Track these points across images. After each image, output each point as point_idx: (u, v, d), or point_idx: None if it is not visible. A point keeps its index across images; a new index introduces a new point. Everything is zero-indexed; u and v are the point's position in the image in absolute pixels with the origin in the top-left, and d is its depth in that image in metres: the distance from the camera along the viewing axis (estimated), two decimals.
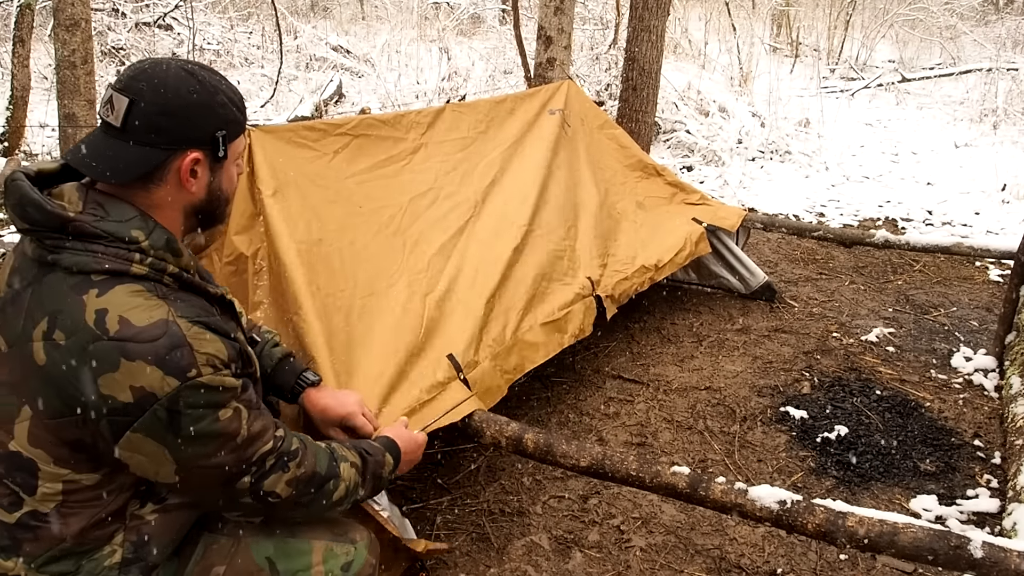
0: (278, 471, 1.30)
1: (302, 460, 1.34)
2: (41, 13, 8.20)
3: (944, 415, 2.85)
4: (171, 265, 1.23)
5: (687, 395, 2.95)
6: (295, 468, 1.32)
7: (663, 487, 1.86)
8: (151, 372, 1.12)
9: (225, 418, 1.20)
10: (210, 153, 1.26)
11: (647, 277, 3.01)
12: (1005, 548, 1.54)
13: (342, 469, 1.41)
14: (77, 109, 4.87)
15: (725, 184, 6.15)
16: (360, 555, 1.45)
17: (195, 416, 1.17)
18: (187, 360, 1.14)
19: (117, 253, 1.17)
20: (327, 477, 1.38)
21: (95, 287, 1.14)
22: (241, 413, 1.23)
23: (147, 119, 1.19)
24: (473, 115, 3.02)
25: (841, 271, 4.30)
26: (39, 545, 1.20)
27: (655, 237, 3.20)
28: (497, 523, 2.24)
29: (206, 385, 1.17)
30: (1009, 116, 8.34)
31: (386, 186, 2.57)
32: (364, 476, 1.46)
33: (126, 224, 1.19)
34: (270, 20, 9.89)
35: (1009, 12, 14.11)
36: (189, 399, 1.15)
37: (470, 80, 8.93)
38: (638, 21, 5.23)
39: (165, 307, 1.17)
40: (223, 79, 1.30)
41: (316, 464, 1.37)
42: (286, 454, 1.32)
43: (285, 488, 1.30)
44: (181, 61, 1.26)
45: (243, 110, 1.32)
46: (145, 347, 1.12)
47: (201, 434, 1.18)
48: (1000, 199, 5.75)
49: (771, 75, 8.23)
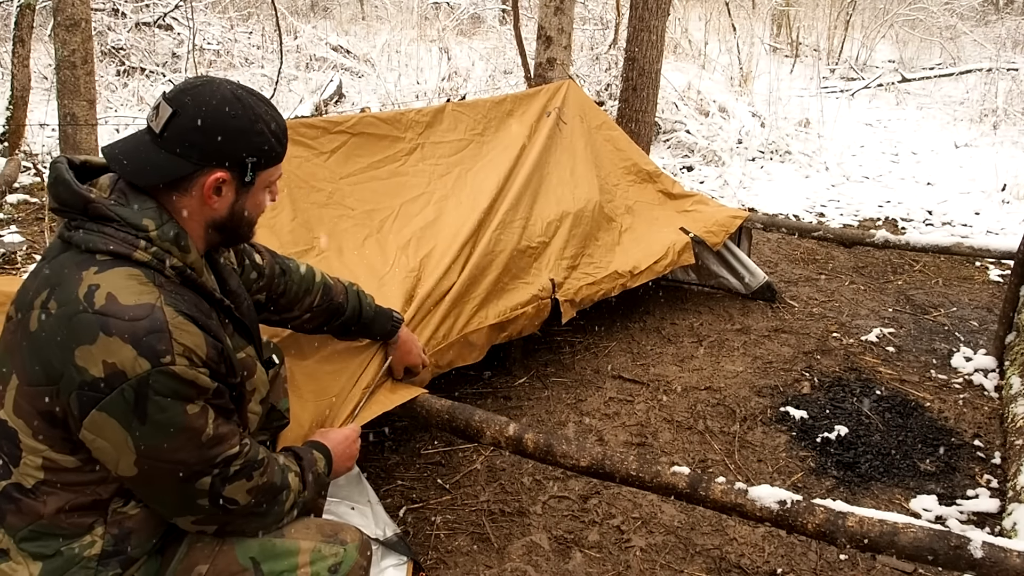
0: (242, 478, 1.29)
1: (266, 470, 1.34)
2: (41, 13, 8.19)
3: (944, 415, 2.85)
4: (175, 259, 1.25)
5: (687, 395, 2.95)
6: (259, 477, 1.32)
7: (663, 487, 1.86)
8: (125, 350, 1.14)
9: (192, 413, 1.20)
10: (237, 176, 1.30)
11: (619, 283, 2.99)
12: (1005, 548, 1.54)
13: (290, 479, 1.42)
14: (77, 109, 4.87)
15: (725, 184, 6.15)
16: (350, 556, 1.42)
17: (161, 404, 1.17)
18: (163, 345, 1.16)
19: (125, 237, 1.21)
20: (281, 487, 1.38)
21: (96, 265, 1.19)
22: (208, 412, 1.23)
23: (183, 132, 1.24)
24: (472, 116, 3.02)
25: (841, 271, 4.30)
26: (20, 518, 1.23)
27: (638, 243, 3.19)
28: (497, 523, 2.24)
29: (178, 375, 1.17)
30: (1009, 116, 8.35)
31: (379, 188, 2.59)
32: (304, 479, 1.46)
33: (140, 212, 1.23)
34: (270, 20, 9.89)
35: (1009, 12, 14.11)
36: (158, 385, 1.16)
37: (470, 80, 8.93)
38: (638, 21, 5.23)
39: (156, 293, 1.20)
40: (272, 110, 1.33)
41: (274, 474, 1.37)
42: (253, 462, 1.31)
43: (246, 496, 1.30)
44: (235, 84, 1.30)
45: (282, 141, 1.35)
46: (125, 324, 1.14)
47: (165, 424, 1.18)
48: (1000, 199, 5.75)
49: (771, 75, 8.23)
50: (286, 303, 1.80)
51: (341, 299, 1.90)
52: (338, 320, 1.91)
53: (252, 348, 1.47)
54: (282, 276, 1.77)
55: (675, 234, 3.32)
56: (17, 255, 4.00)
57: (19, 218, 4.62)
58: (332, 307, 1.89)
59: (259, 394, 1.47)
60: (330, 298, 1.87)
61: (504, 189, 2.80)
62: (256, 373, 1.46)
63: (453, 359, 2.40)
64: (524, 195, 2.85)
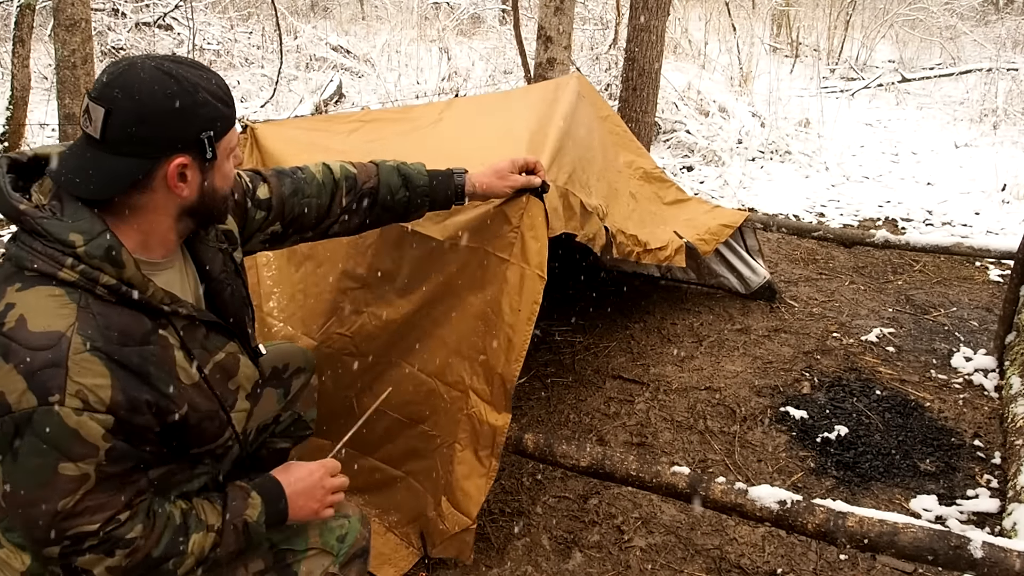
0: (99, 553, 1.16)
1: (135, 550, 1.20)
2: (41, 13, 8.19)
3: (944, 415, 2.85)
4: (107, 276, 1.14)
5: (687, 395, 2.95)
6: (122, 557, 1.18)
7: (663, 487, 1.86)
8: (16, 381, 1.07)
9: (63, 474, 1.10)
10: (198, 156, 1.20)
11: (636, 250, 2.77)
12: (1005, 548, 1.54)
13: (191, 544, 1.26)
14: (77, 109, 4.87)
15: (725, 184, 6.15)
16: (354, 526, 1.54)
17: (36, 448, 1.08)
18: (56, 383, 1.07)
19: (52, 254, 1.12)
20: (164, 558, 1.24)
21: (21, 282, 1.12)
22: (85, 482, 1.12)
23: (126, 130, 1.13)
24: (487, 98, 2.99)
25: (841, 271, 4.30)
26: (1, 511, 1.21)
27: (643, 226, 3.13)
28: (497, 523, 2.24)
29: (61, 419, 1.08)
30: (1009, 116, 8.34)
31: (409, 145, 2.45)
32: (223, 532, 1.31)
33: (70, 226, 1.13)
34: (270, 20, 9.88)
35: (1009, 12, 14.11)
36: (38, 426, 1.08)
37: (470, 80, 8.94)
38: (638, 21, 5.23)
39: (72, 319, 1.11)
40: (204, 72, 1.21)
41: (155, 547, 1.23)
42: (117, 541, 1.17)
43: (105, 572, 1.18)
44: (158, 59, 1.18)
45: (229, 102, 1.24)
46: (24, 353, 1.08)
47: (32, 471, 1.09)
48: (1000, 199, 5.75)
49: (771, 75, 8.23)
50: (314, 217, 1.66)
51: (372, 183, 1.72)
52: (378, 202, 1.73)
53: (235, 343, 1.39)
54: (294, 196, 1.62)
55: (670, 234, 3.31)
56: None
57: None
58: (363, 193, 1.71)
59: (243, 390, 1.40)
60: (358, 188, 1.70)
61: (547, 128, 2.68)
62: (240, 370, 1.39)
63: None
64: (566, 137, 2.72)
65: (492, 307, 1.89)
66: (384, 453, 2.09)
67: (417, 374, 2.01)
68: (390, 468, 2.08)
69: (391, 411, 2.03)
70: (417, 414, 2.00)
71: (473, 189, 1.83)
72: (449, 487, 1.94)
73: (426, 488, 2.01)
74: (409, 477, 2.05)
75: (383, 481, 2.09)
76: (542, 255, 1.88)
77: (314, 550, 1.47)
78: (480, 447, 1.92)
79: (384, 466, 2.09)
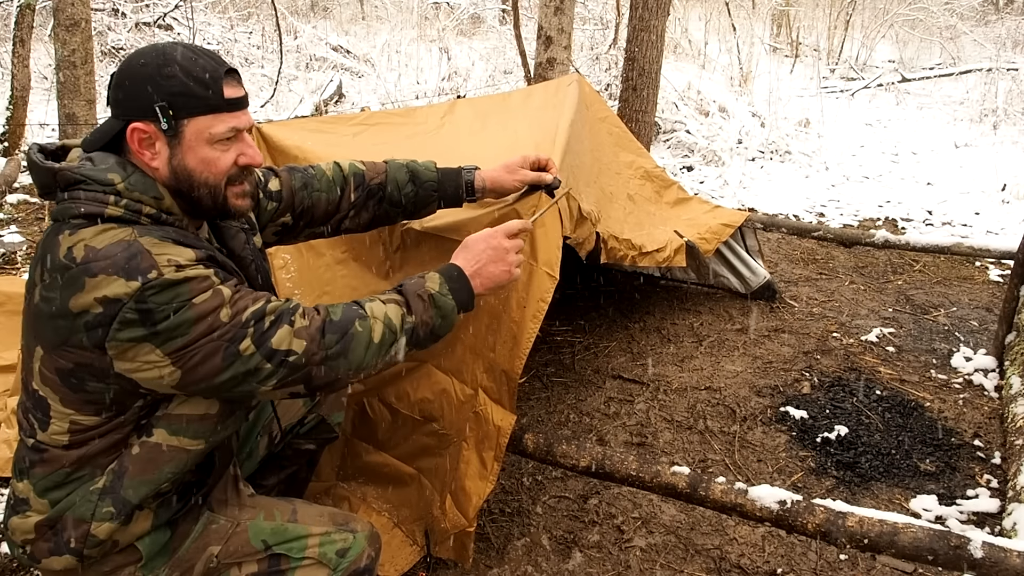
0: (282, 325, 1.26)
1: (307, 313, 1.30)
2: (41, 13, 8.19)
3: (944, 415, 2.85)
4: (148, 207, 1.25)
5: (687, 395, 2.95)
6: (301, 319, 1.28)
7: (663, 487, 1.86)
8: (113, 281, 1.15)
9: (201, 301, 1.19)
10: (156, 125, 1.24)
11: (630, 254, 2.78)
12: (1005, 548, 1.54)
13: (368, 308, 1.36)
14: (77, 109, 4.87)
15: (725, 184, 6.15)
16: (358, 544, 1.46)
17: (168, 309, 1.17)
18: (147, 263, 1.16)
19: (95, 196, 1.21)
20: (347, 320, 1.33)
21: (69, 229, 1.20)
22: (221, 293, 1.22)
23: (110, 92, 1.26)
24: (488, 101, 2.98)
25: (841, 271, 4.30)
26: (44, 467, 1.28)
27: (640, 228, 3.13)
28: (497, 523, 2.24)
29: (171, 281, 1.17)
30: (1009, 116, 8.35)
31: (414, 150, 2.47)
32: (407, 304, 1.41)
33: (104, 169, 1.23)
34: (270, 20, 9.88)
35: (1009, 12, 14.11)
36: (155, 296, 1.16)
37: (470, 80, 8.94)
38: (638, 21, 5.23)
39: (131, 231, 1.20)
40: (201, 57, 1.26)
41: (329, 314, 1.32)
42: (286, 311, 1.28)
43: (297, 342, 1.26)
44: (176, 43, 1.28)
45: (208, 85, 1.25)
46: (105, 263, 1.16)
47: (179, 322, 1.18)
48: (1000, 199, 5.75)
49: (771, 75, 8.23)
50: (324, 211, 1.71)
51: (380, 179, 1.75)
52: (386, 198, 1.76)
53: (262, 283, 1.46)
54: (304, 190, 1.68)
55: (670, 234, 3.31)
56: (17, 255, 4.00)
57: (19, 218, 4.62)
58: (372, 191, 1.75)
59: None
60: (367, 184, 1.74)
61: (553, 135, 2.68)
62: None
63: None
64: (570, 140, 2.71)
65: (502, 303, 1.90)
66: (398, 450, 2.09)
67: (434, 371, 2.01)
68: (403, 465, 2.08)
69: (405, 409, 2.03)
70: (430, 411, 2.01)
71: (483, 184, 1.84)
72: (453, 485, 1.94)
73: (435, 486, 2.01)
74: (420, 474, 2.06)
75: (396, 477, 2.09)
76: (551, 253, 1.88)
77: (310, 560, 1.42)
78: (485, 448, 1.92)
79: (397, 462, 2.09)
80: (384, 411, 2.08)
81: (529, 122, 2.63)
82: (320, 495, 2.11)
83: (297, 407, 1.78)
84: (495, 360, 1.91)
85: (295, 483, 1.91)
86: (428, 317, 1.42)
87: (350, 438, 2.15)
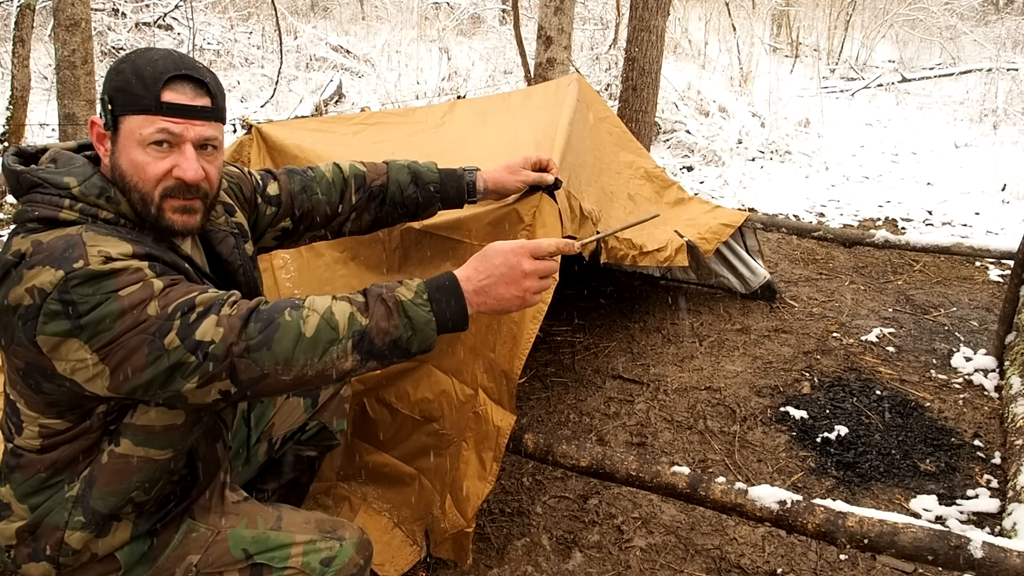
0: (209, 315, 1.16)
1: (239, 303, 1.20)
2: (41, 13, 8.19)
3: (944, 415, 2.85)
4: (104, 211, 1.22)
5: (687, 395, 2.95)
6: (228, 308, 1.18)
7: (663, 487, 1.86)
8: (43, 272, 1.13)
9: (127, 294, 1.13)
10: (104, 121, 1.25)
11: (631, 253, 2.79)
12: (1005, 548, 1.54)
13: (309, 301, 1.22)
14: (77, 109, 4.87)
15: (725, 184, 6.15)
16: (345, 552, 1.41)
17: (92, 300, 1.12)
18: (77, 254, 1.13)
19: (50, 200, 1.20)
20: (277, 309, 1.20)
21: (24, 232, 1.19)
22: (151, 286, 1.15)
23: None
24: (488, 101, 2.99)
25: (841, 271, 4.30)
26: (23, 472, 1.27)
27: (641, 228, 3.12)
28: (497, 523, 2.24)
29: (95, 273, 1.12)
30: (1009, 116, 8.34)
31: (414, 150, 2.42)
32: (367, 303, 1.24)
33: (64, 172, 1.22)
34: (270, 20, 9.89)
35: (1009, 12, 14.11)
36: (78, 287, 1.11)
37: (470, 80, 8.94)
38: (638, 21, 5.23)
39: (80, 228, 1.18)
40: (163, 59, 1.23)
41: (260, 304, 1.21)
42: (217, 302, 1.18)
43: (217, 330, 1.14)
44: (158, 48, 1.29)
45: (145, 83, 1.20)
46: (43, 256, 1.14)
47: (103, 316, 1.12)
48: (1000, 199, 5.75)
49: (771, 75, 8.23)
50: (325, 214, 1.68)
51: (381, 181, 1.73)
52: (388, 200, 1.73)
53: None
54: (303, 193, 1.65)
55: (670, 234, 3.30)
56: None
57: None
58: (373, 192, 1.72)
59: None
60: (367, 186, 1.71)
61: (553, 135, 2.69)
62: None
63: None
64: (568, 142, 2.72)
65: None
66: (398, 450, 2.09)
67: (434, 371, 2.02)
68: (403, 465, 2.08)
69: (405, 409, 2.03)
70: (430, 412, 2.01)
71: (485, 185, 1.82)
72: (453, 485, 1.94)
73: (435, 486, 2.01)
74: (421, 474, 2.06)
75: (396, 477, 2.09)
76: None
77: (293, 570, 1.37)
78: (484, 448, 1.92)
79: (397, 462, 2.09)
80: (384, 411, 2.08)
81: (529, 122, 2.63)
82: (320, 495, 2.11)
83: (299, 413, 1.77)
84: (495, 360, 1.91)
85: (296, 489, 1.90)
86: (389, 325, 1.22)
87: (351, 438, 2.16)
